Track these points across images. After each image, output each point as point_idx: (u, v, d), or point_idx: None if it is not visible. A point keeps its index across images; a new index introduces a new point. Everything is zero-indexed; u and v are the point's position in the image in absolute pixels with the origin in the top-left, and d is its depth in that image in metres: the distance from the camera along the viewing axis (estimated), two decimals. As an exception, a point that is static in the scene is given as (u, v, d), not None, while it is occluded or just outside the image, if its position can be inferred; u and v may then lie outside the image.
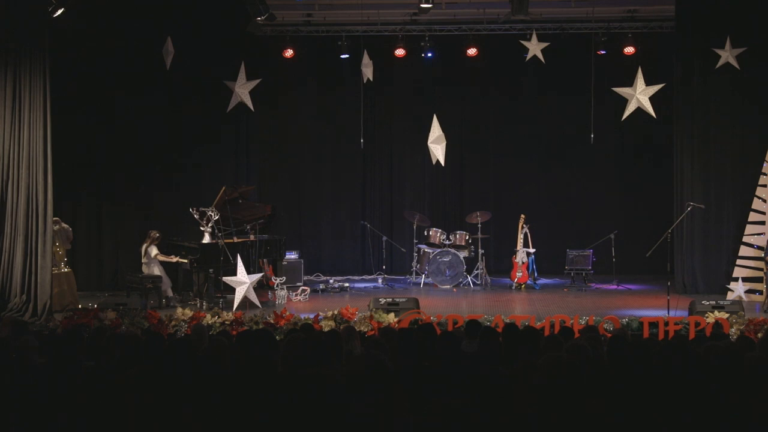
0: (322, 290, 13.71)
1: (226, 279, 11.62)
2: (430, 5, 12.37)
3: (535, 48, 13.59)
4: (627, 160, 15.45)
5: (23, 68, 10.96)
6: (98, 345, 6.39)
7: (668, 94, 13.43)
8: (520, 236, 14.07)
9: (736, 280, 12.57)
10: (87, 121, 13.56)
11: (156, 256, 12.21)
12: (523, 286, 13.85)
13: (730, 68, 12.82)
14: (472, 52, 14.35)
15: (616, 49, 14.13)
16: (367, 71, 13.84)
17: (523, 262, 13.92)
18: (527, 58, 13.78)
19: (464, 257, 14.08)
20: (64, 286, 11.91)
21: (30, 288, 10.95)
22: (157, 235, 12.31)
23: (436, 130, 13.79)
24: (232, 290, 11.55)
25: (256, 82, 13.65)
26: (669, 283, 11.67)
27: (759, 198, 12.77)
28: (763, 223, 12.70)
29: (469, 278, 14.08)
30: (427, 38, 14.41)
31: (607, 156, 15.30)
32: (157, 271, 12.22)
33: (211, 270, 11.88)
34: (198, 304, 11.79)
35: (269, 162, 15.49)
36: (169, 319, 10.47)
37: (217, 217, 12.00)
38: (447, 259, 13.96)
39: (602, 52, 14.08)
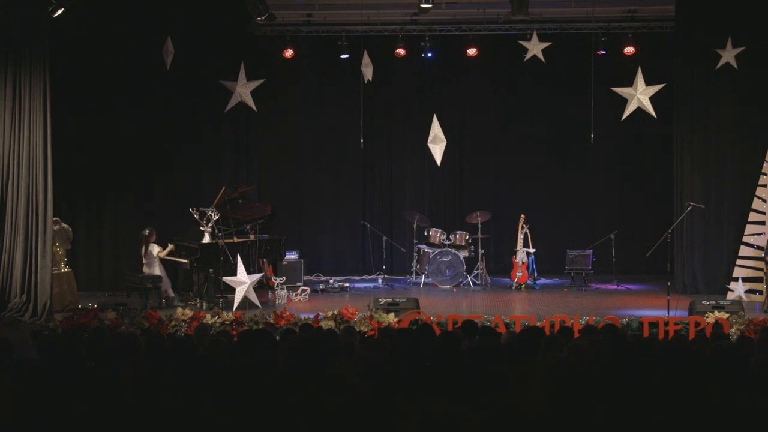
0: (322, 290, 13.71)
1: (226, 279, 11.62)
2: (430, 5, 12.37)
3: (535, 48, 13.59)
4: (627, 160, 15.45)
5: (23, 68, 10.96)
6: (98, 345, 6.39)
7: (668, 94, 13.43)
8: (520, 236, 14.07)
9: (736, 280, 12.58)
10: (87, 121, 13.55)
11: (158, 254, 12.22)
12: (523, 286, 13.86)
13: (730, 68, 12.82)
14: (472, 52, 14.34)
15: (616, 49, 14.11)
16: (367, 71, 13.84)
17: (523, 262, 13.93)
18: (526, 58, 13.76)
19: (464, 257, 14.09)
20: (64, 286, 11.92)
21: (30, 288, 10.95)
22: (147, 232, 12.29)
23: (435, 130, 13.80)
24: (232, 290, 11.56)
25: (259, 82, 13.66)
26: (669, 283, 11.68)
27: (759, 198, 12.78)
28: (763, 223, 12.70)
29: (469, 278, 14.09)
30: (427, 38, 14.40)
31: (607, 156, 15.29)
32: (157, 271, 12.23)
33: (211, 270, 11.88)
34: (198, 304, 11.80)
35: (269, 162, 15.47)
36: (169, 319, 10.48)
37: (217, 217, 12.00)
38: (447, 259, 13.96)
39: (602, 52, 14.07)
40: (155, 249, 12.23)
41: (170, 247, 12.36)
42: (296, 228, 15.52)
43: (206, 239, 12.09)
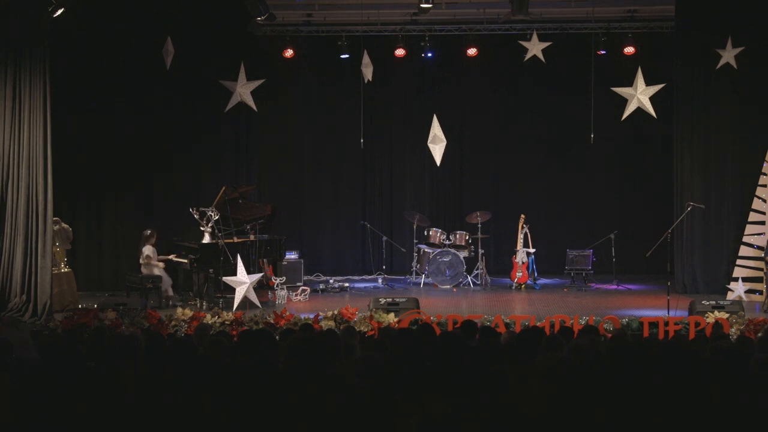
0: (322, 290, 13.71)
1: (226, 279, 11.62)
2: (430, 5, 12.37)
3: (535, 48, 13.58)
4: (627, 160, 15.45)
5: (23, 68, 10.96)
6: (98, 345, 6.39)
7: (668, 94, 13.43)
8: (520, 236, 14.07)
9: (736, 280, 12.57)
10: (87, 121, 13.55)
11: (147, 257, 12.20)
12: (523, 286, 13.86)
13: (730, 68, 12.81)
14: (472, 52, 14.34)
15: (616, 49, 14.11)
16: (367, 71, 13.83)
17: (523, 262, 13.93)
18: (526, 58, 13.74)
19: (464, 257, 14.09)
20: (64, 286, 11.92)
21: (30, 288, 10.95)
22: (148, 232, 12.31)
23: (435, 130, 13.80)
24: (232, 290, 11.55)
25: (259, 82, 13.66)
26: (669, 283, 11.68)
27: (759, 198, 12.78)
28: (763, 223, 12.70)
29: (469, 278, 14.09)
30: (427, 38, 14.40)
31: (607, 156, 15.29)
32: (157, 271, 12.23)
33: (211, 270, 11.88)
34: (198, 304, 11.80)
35: (269, 162, 15.47)
36: (169, 319, 10.48)
37: (217, 217, 12.01)
38: (447, 259, 13.96)
39: (602, 52, 14.07)
40: (146, 250, 12.22)
41: (170, 257, 12.40)
42: (296, 228, 15.51)
43: (206, 239, 12.09)
